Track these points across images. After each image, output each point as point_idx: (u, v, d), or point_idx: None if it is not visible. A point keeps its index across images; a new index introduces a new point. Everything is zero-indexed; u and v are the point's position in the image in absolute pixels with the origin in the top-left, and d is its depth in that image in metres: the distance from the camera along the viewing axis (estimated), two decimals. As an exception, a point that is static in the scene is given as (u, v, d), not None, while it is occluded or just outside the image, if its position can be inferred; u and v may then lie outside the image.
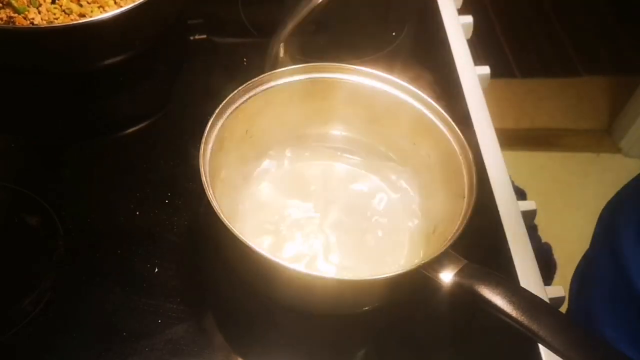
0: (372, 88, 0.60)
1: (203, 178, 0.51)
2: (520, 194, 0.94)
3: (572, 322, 0.58)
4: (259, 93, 0.59)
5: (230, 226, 0.47)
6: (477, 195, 0.52)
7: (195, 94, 0.76)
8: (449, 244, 0.49)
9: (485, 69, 0.82)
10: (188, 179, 0.65)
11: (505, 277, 0.59)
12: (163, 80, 0.80)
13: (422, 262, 0.48)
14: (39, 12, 0.69)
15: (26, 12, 0.68)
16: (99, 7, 0.70)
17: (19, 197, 0.63)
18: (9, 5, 0.68)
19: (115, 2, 0.71)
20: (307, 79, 0.60)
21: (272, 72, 0.59)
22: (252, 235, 0.59)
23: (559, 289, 0.64)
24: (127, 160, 0.69)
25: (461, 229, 0.50)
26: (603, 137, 1.96)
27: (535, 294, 0.47)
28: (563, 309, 0.69)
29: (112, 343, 0.54)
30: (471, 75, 0.80)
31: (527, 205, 0.69)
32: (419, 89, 0.59)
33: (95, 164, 0.68)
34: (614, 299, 0.63)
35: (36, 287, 0.57)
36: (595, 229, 0.71)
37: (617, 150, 1.92)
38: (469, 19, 0.89)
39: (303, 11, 0.58)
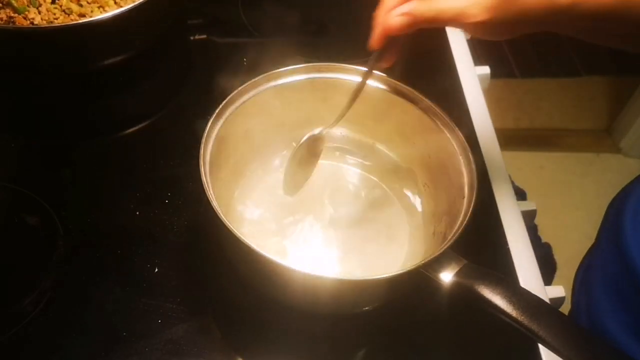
0: (373, 88, 0.60)
1: (203, 178, 0.51)
2: (520, 194, 0.95)
3: (573, 322, 0.57)
4: (259, 93, 0.59)
5: (230, 226, 0.47)
6: (477, 195, 0.52)
7: (195, 93, 0.76)
8: (449, 244, 0.49)
9: (485, 69, 0.82)
10: (188, 179, 0.65)
11: (505, 277, 0.59)
12: (163, 80, 0.80)
13: (422, 262, 0.48)
14: (39, 12, 0.69)
15: (26, 12, 0.68)
16: (99, 7, 0.71)
17: (19, 197, 0.63)
18: (9, 5, 0.68)
19: (115, 2, 0.71)
20: (307, 79, 0.60)
21: (272, 72, 0.59)
22: (252, 235, 0.59)
23: (559, 289, 0.64)
24: (127, 160, 0.69)
25: (461, 229, 0.50)
26: (603, 137, 1.96)
27: (535, 294, 0.47)
28: (563, 309, 0.69)
29: (112, 343, 0.54)
30: (471, 75, 0.80)
31: (527, 205, 0.69)
32: (419, 89, 0.59)
33: (95, 164, 0.68)
34: (617, 289, 0.63)
35: (36, 287, 0.57)
36: (602, 222, 0.71)
37: (617, 150, 1.92)
38: (469, 19, 0.89)
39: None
